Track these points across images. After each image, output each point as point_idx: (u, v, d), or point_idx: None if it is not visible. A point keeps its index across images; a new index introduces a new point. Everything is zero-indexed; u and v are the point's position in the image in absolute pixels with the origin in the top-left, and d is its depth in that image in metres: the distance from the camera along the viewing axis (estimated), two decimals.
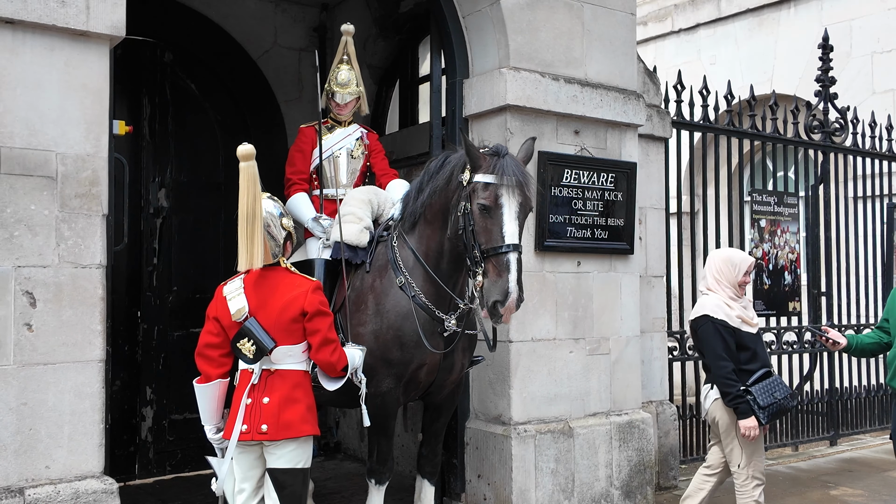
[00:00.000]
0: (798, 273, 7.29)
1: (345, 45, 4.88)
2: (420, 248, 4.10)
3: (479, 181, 3.68)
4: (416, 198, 4.10)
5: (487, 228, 3.64)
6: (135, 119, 6.10)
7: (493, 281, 3.60)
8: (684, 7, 11.29)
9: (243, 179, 3.32)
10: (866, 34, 9.45)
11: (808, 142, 7.54)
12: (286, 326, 3.34)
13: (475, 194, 3.68)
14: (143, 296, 6.15)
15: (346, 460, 6.70)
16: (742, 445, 4.32)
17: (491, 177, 3.66)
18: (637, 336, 5.61)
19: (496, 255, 3.61)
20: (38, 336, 3.49)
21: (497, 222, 3.63)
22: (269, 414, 3.28)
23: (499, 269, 3.59)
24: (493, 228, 3.64)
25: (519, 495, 4.87)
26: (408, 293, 4.05)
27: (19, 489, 3.41)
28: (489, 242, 3.63)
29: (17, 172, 3.48)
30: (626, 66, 5.59)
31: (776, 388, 4.27)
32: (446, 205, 3.92)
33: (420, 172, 4.21)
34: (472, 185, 3.70)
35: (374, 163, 5.01)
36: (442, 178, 3.94)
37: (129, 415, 6.08)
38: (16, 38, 3.49)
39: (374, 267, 4.24)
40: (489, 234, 3.64)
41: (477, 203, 3.66)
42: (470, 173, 3.72)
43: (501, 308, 3.59)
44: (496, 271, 3.60)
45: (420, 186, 4.10)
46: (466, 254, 3.74)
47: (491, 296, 3.60)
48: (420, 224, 4.10)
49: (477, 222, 3.66)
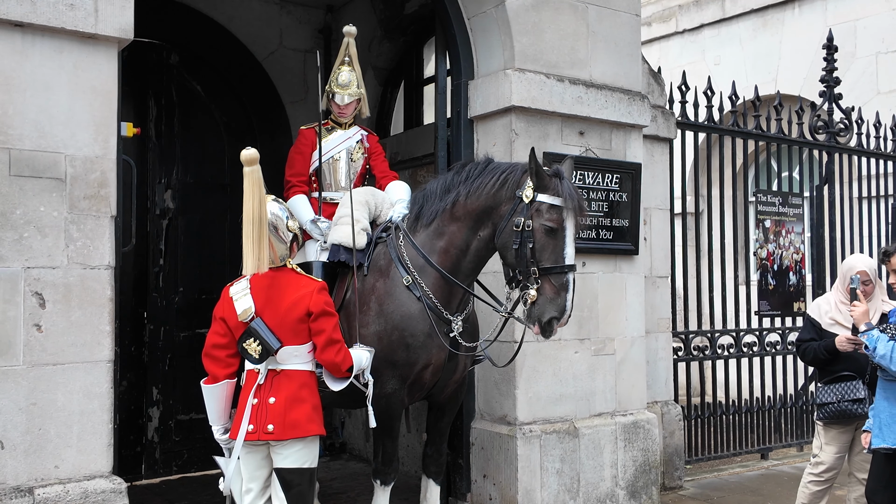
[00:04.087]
0: (803, 273, 7.29)
1: (346, 46, 4.84)
2: (435, 246, 4.10)
3: (544, 202, 3.80)
4: (441, 197, 4.12)
5: (549, 248, 3.78)
6: (141, 121, 6.12)
7: (550, 298, 3.75)
8: (688, 8, 11.29)
9: (248, 184, 3.34)
10: (871, 34, 9.44)
11: (812, 142, 7.54)
12: (292, 327, 3.36)
13: (539, 214, 3.79)
14: (149, 297, 6.17)
15: (351, 460, 6.71)
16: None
17: (557, 199, 3.79)
18: (642, 336, 5.62)
19: (556, 275, 3.76)
20: (48, 336, 3.52)
21: (560, 243, 3.78)
22: (276, 414, 3.29)
23: (557, 287, 3.75)
24: (555, 249, 3.78)
25: (524, 495, 4.88)
26: (415, 293, 4.06)
27: (29, 489, 3.44)
28: (550, 261, 3.77)
29: (27, 174, 3.51)
30: (631, 67, 5.60)
31: (846, 392, 4.26)
32: (487, 209, 3.98)
33: (427, 173, 4.23)
34: (537, 204, 3.80)
35: (374, 165, 4.98)
36: (489, 185, 3.97)
37: (136, 415, 6.11)
38: (25, 41, 3.52)
39: (374, 268, 4.23)
40: (551, 253, 3.77)
41: (542, 223, 3.78)
42: (534, 192, 3.81)
43: (556, 324, 3.78)
44: (554, 289, 3.75)
45: (447, 186, 4.12)
46: (518, 267, 3.83)
47: (547, 312, 3.76)
48: (442, 222, 4.11)
49: (538, 241, 3.78)
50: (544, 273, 3.77)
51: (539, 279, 3.77)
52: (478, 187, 4.00)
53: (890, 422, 3.93)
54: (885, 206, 8.15)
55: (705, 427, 6.65)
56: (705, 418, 6.64)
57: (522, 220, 3.80)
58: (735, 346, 6.86)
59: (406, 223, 4.28)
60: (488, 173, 4.02)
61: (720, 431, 6.75)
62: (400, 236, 4.23)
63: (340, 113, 4.85)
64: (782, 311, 7.09)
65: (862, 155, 7.97)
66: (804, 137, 7.48)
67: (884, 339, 3.86)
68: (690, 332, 6.72)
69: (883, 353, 3.83)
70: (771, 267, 7.03)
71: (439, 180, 4.24)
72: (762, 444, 7.04)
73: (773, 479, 6.46)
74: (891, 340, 3.85)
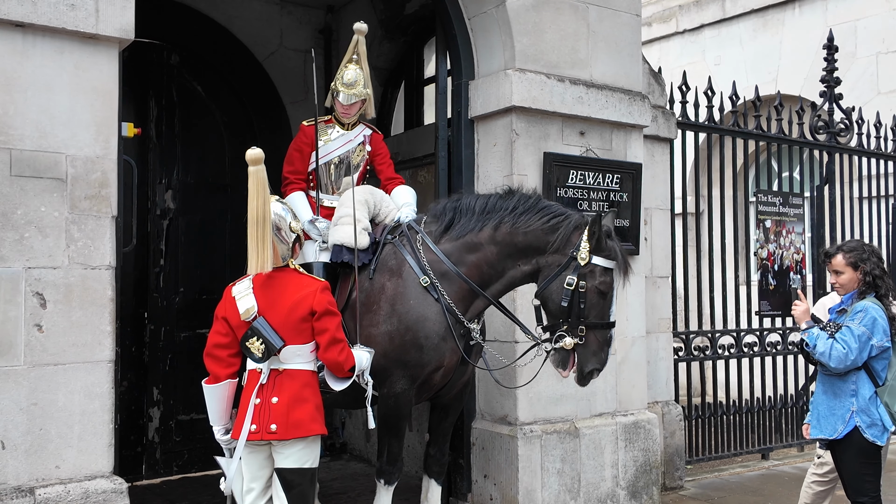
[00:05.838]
0: (803, 273, 7.29)
1: (355, 44, 4.65)
2: (465, 259, 4.10)
3: (599, 265, 3.90)
4: (479, 216, 4.11)
5: (598, 307, 3.92)
6: (142, 121, 6.12)
7: (594, 351, 3.92)
8: (689, 8, 11.29)
9: (252, 184, 3.34)
10: (871, 34, 9.44)
11: (813, 142, 7.54)
12: (295, 326, 3.36)
13: (593, 276, 3.89)
14: (149, 297, 6.17)
15: (352, 461, 6.71)
16: None
17: (611, 263, 3.92)
18: (643, 336, 5.62)
19: (601, 330, 3.93)
20: (49, 337, 3.52)
21: (608, 303, 3.94)
22: (279, 413, 3.30)
23: (601, 341, 3.93)
24: (603, 307, 3.93)
25: (525, 495, 4.88)
26: (433, 294, 4.06)
27: (30, 489, 3.44)
28: (596, 317, 3.92)
29: (28, 174, 3.51)
30: (632, 68, 5.60)
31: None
32: (532, 248, 4.02)
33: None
34: (591, 266, 3.89)
35: (378, 168, 4.87)
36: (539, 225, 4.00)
37: (137, 415, 6.11)
38: (26, 42, 3.53)
39: (383, 268, 4.20)
40: (599, 311, 3.92)
41: (595, 285, 3.89)
42: (590, 254, 3.88)
43: (596, 375, 3.99)
44: (598, 343, 3.92)
45: (488, 208, 4.11)
46: (563, 319, 3.93)
47: (590, 364, 3.93)
48: (478, 239, 4.08)
49: (589, 300, 3.90)
50: (589, 327, 3.90)
51: (585, 331, 3.90)
52: (527, 222, 4.02)
53: (827, 414, 4.06)
54: (885, 206, 8.15)
55: (706, 427, 6.64)
56: (706, 418, 6.64)
57: (576, 281, 3.88)
58: (735, 346, 6.86)
59: (425, 226, 4.24)
60: (539, 212, 4.03)
61: (721, 431, 6.75)
62: (417, 239, 4.19)
63: (344, 113, 4.70)
64: (783, 312, 7.08)
65: (862, 155, 7.97)
66: (804, 137, 7.49)
67: (823, 337, 3.96)
68: (691, 332, 6.72)
69: (822, 351, 3.94)
70: (771, 267, 7.03)
71: (477, 198, 4.21)
72: (763, 444, 7.03)
73: (774, 479, 6.46)
74: (830, 338, 3.95)
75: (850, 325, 3.95)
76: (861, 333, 3.91)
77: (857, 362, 3.93)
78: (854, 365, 3.94)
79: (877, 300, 4.04)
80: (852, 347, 3.89)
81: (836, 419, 4.01)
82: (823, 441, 4.13)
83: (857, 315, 3.97)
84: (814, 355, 3.99)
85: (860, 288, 4.09)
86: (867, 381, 3.99)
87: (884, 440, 4.00)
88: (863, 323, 3.93)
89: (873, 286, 4.06)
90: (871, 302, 4.02)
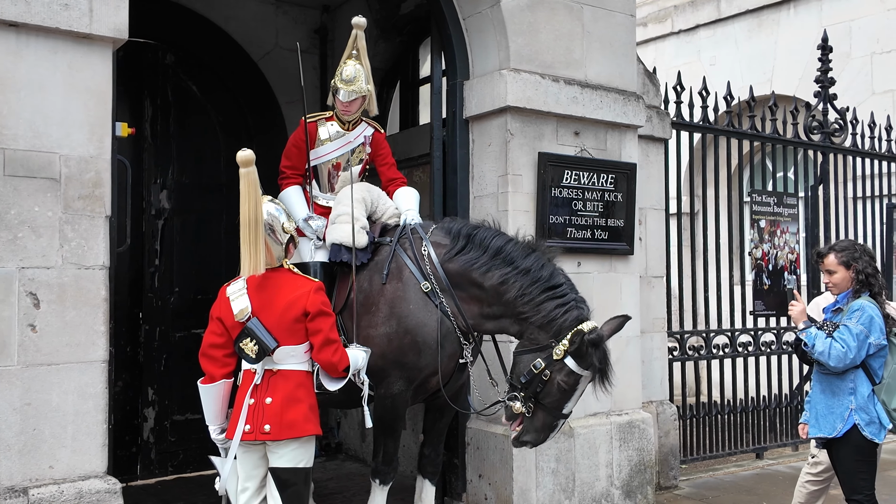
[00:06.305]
0: (798, 273, 7.31)
1: (354, 39, 4.47)
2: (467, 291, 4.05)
3: (569, 367, 3.81)
4: (490, 259, 3.99)
5: (555, 398, 3.86)
6: (136, 121, 6.11)
7: (536, 427, 3.91)
8: (684, 8, 11.31)
9: (244, 185, 3.34)
10: (866, 35, 9.47)
11: (807, 142, 7.56)
12: (288, 326, 3.36)
13: (560, 372, 3.82)
14: (144, 297, 6.17)
15: (347, 461, 6.71)
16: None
17: (581, 370, 3.81)
18: (637, 336, 5.63)
19: (551, 417, 3.88)
20: (42, 337, 3.52)
21: (564, 399, 3.87)
22: (272, 414, 3.30)
23: (546, 424, 3.90)
24: (559, 400, 3.86)
25: (520, 495, 4.89)
26: (434, 300, 4.05)
27: (23, 489, 3.44)
28: (550, 404, 3.86)
29: (21, 174, 3.51)
30: (626, 68, 5.61)
31: None
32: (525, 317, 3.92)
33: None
34: (561, 364, 3.81)
35: (379, 170, 4.77)
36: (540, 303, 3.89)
37: (131, 415, 6.10)
38: (20, 41, 3.52)
39: (381, 269, 4.18)
40: (553, 400, 3.86)
41: (559, 381, 3.82)
42: (565, 353, 3.80)
43: (528, 448, 4.06)
44: (543, 424, 3.90)
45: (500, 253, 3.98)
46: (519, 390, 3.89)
47: (526, 435, 3.94)
48: (481, 280, 4.00)
49: (548, 388, 3.84)
50: (542, 409, 3.87)
51: (535, 407, 3.87)
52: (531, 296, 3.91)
53: (826, 412, 4.08)
54: (879, 206, 8.17)
55: (700, 427, 6.66)
56: (700, 418, 6.66)
57: (542, 367, 3.81)
58: (730, 345, 6.88)
59: (432, 235, 4.18)
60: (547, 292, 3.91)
61: (715, 431, 6.77)
62: (423, 244, 4.15)
63: (344, 110, 4.49)
64: (777, 311, 7.10)
65: (857, 155, 8.00)
66: (799, 138, 7.50)
67: (821, 337, 3.98)
68: (686, 331, 6.73)
69: (822, 350, 3.95)
70: (766, 267, 7.04)
71: (494, 237, 4.07)
72: (757, 443, 7.05)
73: (768, 478, 6.48)
74: (828, 338, 3.97)
75: (847, 324, 3.97)
76: (859, 332, 3.93)
77: (856, 361, 3.95)
78: (853, 363, 3.95)
79: (872, 299, 4.07)
80: (851, 346, 3.91)
81: (835, 417, 4.02)
82: (822, 440, 4.14)
83: (854, 314, 3.99)
84: (813, 355, 4.00)
85: (854, 287, 4.11)
86: (865, 379, 4.01)
87: (881, 437, 4.02)
88: (860, 321, 3.95)
89: (867, 284, 4.09)
90: (867, 301, 4.04)
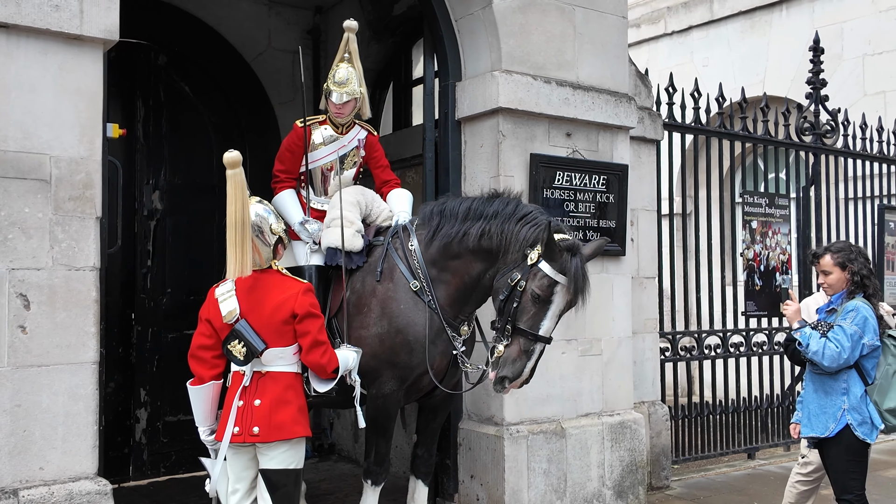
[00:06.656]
0: (790, 274, 7.33)
1: (346, 41, 4.51)
2: (449, 266, 4.05)
3: (543, 271, 3.73)
4: (461, 221, 4.01)
5: (529, 313, 3.75)
6: (128, 121, 6.10)
7: (512, 358, 3.76)
8: (677, 9, 11.34)
9: (231, 187, 3.35)
10: (858, 36, 9.50)
11: (799, 143, 7.58)
12: (277, 328, 3.36)
13: (534, 278, 3.74)
14: (136, 298, 6.15)
15: (340, 461, 6.71)
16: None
17: (556, 275, 3.72)
18: (629, 337, 5.65)
19: (526, 339, 3.75)
20: (32, 338, 3.51)
21: (540, 314, 3.75)
22: (261, 416, 3.30)
23: (522, 350, 3.75)
24: (534, 316, 3.75)
25: (511, 496, 4.90)
26: (423, 298, 4.06)
27: (13, 490, 3.43)
28: (526, 325, 3.76)
29: (11, 175, 3.50)
30: (618, 69, 5.63)
31: None
32: (497, 250, 3.91)
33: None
34: (536, 269, 3.74)
35: (374, 172, 4.78)
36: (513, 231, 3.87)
37: (123, 416, 6.09)
38: (10, 42, 3.52)
39: (373, 270, 4.19)
40: (529, 318, 3.75)
41: (532, 289, 3.74)
42: (539, 257, 3.74)
43: (508, 384, 3.78)
44: (520, 352, 3.76)
45: (469, 213, 4.00)
46: (498, 320, 3.85)
47: (505, 370, 3.76)
48: (458, 248, 4.02)
49: (523, 302, 3.75)
50: (517, 333, 3.77)
51: (511, 337, 3.78)
52: (500, 232, 3.89)
53: (818, 412, 4.10)
54: (870, 207, 8.20)
55: (692, 427, 6.68)
56: (692, 418, 6.68)
57: (518, 278, 3.76)
58: (722, 346, 6.89)
59: (416, 228, 4.20)
60: (515, 220, 3.89)
61: (707, 431, 6.78)
62: (410, 244, 4.16)
63: (337, 113, 4.50)
64: (769, 312, 7.13)
65: (848, 156, 8.03)
66: (791, 139, 7.53)
67: (815, 336, 4.00)
68: (677, 332, 6.75)
69: (816, 350, 3.97)
70: (758, 268, 7.07)
71: (461, 203, 4.12)
72: (749, 443, 7.07)
73: (760, 478, 6.50)
74: (822, 338, 3.99)
75: (842, 325, 3.99)
76: (853, 332, 3.95)
77: (850, 361, 3.97)
78: (846, 364, 3.98)
79: (865, 300, 4.09)
80: (845, 346, 3.93)
81: (828, 417, 4.05)
82: (813, 439, 4.16)
83: (848, 314, 4.02)
84: (807, 354, 4.01)
85: (849, 288, 4.14)
86: (858, 379, 4.04)
87: (873, 438, 4.05)
88: (854, 322, 3.97)
89: (861, 286, 4.11)
90: (861, 302, 4.07)
